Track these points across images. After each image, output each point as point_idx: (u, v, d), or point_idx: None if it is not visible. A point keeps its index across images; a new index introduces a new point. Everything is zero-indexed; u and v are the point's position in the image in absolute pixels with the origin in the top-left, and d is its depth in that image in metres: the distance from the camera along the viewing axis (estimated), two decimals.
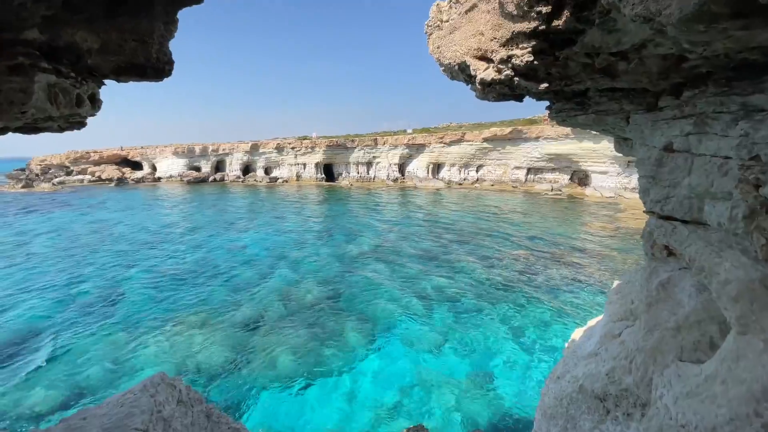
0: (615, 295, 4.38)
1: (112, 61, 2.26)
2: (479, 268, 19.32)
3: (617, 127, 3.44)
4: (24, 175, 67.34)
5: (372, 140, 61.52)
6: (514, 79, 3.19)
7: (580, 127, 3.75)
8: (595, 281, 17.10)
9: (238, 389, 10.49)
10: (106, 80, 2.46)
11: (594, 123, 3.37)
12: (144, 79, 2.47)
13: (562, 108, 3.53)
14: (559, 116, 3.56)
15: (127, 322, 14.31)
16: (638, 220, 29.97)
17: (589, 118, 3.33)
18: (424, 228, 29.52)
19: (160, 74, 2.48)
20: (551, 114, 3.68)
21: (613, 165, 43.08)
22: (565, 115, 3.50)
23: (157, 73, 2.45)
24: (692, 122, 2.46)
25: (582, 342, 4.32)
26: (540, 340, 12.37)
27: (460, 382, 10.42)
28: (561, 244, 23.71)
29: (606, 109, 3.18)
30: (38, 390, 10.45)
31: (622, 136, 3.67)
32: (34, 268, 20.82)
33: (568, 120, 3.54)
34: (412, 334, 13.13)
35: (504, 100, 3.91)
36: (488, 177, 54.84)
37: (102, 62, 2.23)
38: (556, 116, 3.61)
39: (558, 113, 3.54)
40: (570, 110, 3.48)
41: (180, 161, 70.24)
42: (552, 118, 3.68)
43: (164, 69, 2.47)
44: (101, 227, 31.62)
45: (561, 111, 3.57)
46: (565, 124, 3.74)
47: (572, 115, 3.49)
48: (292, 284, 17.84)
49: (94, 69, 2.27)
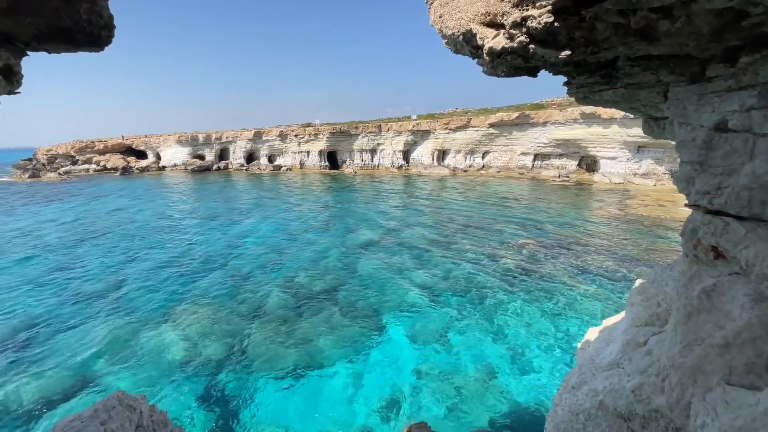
0: (638, 296, 3.91)
1: (29, 24, 1.81)
2: (485, 258, 18.89)
3: (650, 104, 2.93)
4: (31, 165, 67.53)
5: (376, 127, 60.60)
6: (528, 46, 2.68)
7: (603, 105, 3.23)
8: (604, 271, 16.60)
9: (238, 381, 10.28)
10: (32, 51, 2.00)
11: (623, 99, 2.86)
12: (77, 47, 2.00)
13: (585, 82, 3.02)
14: (580, 92, 3.04)
15: (128, 312, 14.15)
16: (648, 207, 29.25)
17: (617, 93, 2.82)
18: (429, 216, 29.04)
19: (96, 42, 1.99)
20: (570, 90, 3.16)
21: (623, 150, 41.98)
22: (588, 91, 2.99)
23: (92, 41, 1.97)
24: (756, 94, 1.96)
25: (600, 347, 3.89)
26: (550, 335, 11.98)
27: (465, 378, 10.10)
28: (569, 231, 23.14)
29: (639, 81, 2.67)
30: (35, 383, 10.31)
31: (655, 115, 3.15)
32: (35, 258, 20.76)
33: (590, 96, 3.02)
34: (416, 326, 12.81)
35: (515, 74, 3.39)
36: (494, 163, 53.90)
37: (15, 26, 1.78)
38: (576, 92, 3.09)
39: (579, 89, 3.03)
40: (594, 85, 2.97)
41: (184, 150, 69.97)
42: (571, 94, 3.16)
43: (100, 35, 1.97)
44: (105, 217, 31.55)
45: (583, 86, 3.05)
46: (586, 102, 3.23)
47: (596, 90, 2.97)
48: (295, 274, 17.57)
49: (9, 35, 1.82)
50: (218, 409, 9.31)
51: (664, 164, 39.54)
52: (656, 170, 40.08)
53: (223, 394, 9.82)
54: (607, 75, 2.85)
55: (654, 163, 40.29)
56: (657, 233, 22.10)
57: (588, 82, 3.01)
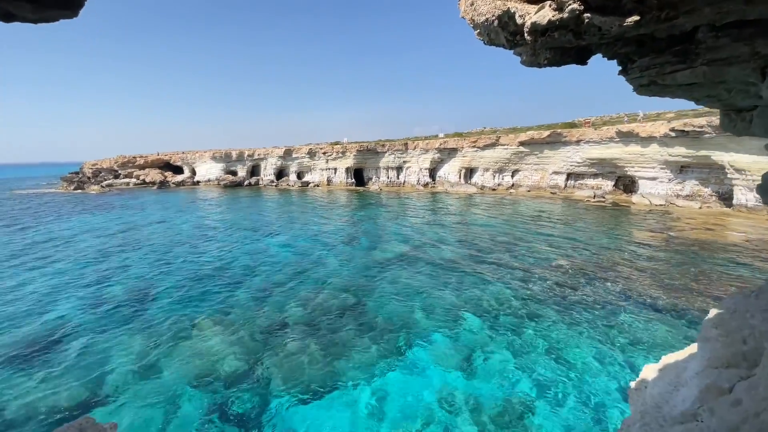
0: (714, 329, 3.20)
1: None
2: (516, 279, 17.86)
3: (738, 89, 2.34)
4: (77, 177, 72.07)
5: (403, 145, 60.74)
6: (582, 15, 2.19)
7: (672, 94, 2.66)
8: (649, 298, 15.22)
9: (253, 398, 9.86)
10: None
11: (704, 81, 2.29)
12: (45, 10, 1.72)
13: (652, 63, 2.48)
14: (644, 77, 2.51)
15: (152, 323, 14.18)
16: (695, 230, 27.15)
17: (696, 73, 2.26)
18: (456, 233, 28.20)
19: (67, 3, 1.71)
20: (631, 75, 2.63)
21: (664, 170, 39.69)
22: (656, 73, 2.44)
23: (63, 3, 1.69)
24: None
25: (666, 391, 3.18)
26: (591, 367, 10.88)
27: (491, 409, 9.22)
28: (608, 254, 21.68)
29: (727, 56, 2.11)
30: (56, 390, 10.31)
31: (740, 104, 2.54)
32: (68, 266, 21.55)
33: (659, 80, 2.48)
34: (439, 349, 12.03)
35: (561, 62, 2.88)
36: (524, 182, 52.41)
37: None
38: (639, 78, 2.56)
39: (644, 72, 2.49)
40: (664, 65, 2.42)
41: (218, 165, 72.70)
42: (633, 81, 2.62)
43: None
44: (139, 227, 32.75)
45: (649, 68, 2.51)
46: (650, 91, 2.67)
47: (667, 71, 2.42)
48: (317, 289, 17.22)
49: None
50: (231, 427, 8.89)
51: (710, 185, 36.96)
52: (701, 192, 37.51)
53: (237, 411, 9.42)
54: (683, 52, 2.30)
55: (699, 185, 37.76)
56: (707, 258, 20.30)
57: (656, 63, 2.47)
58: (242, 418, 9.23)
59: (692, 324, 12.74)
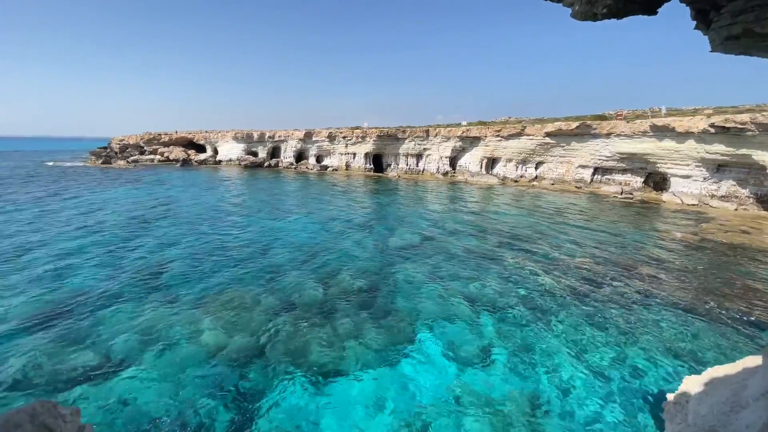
0: None
1: None
2: (536, 274, 17.23)
3: None
4: (104, 152, 74.14)
5: (424, 132, 59.60)
6: None
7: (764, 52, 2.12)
8: (678, 301, 14.39)
9: (259, 378, 9.80)
10: None
11: None
12: None
13: (744, 8, 1.94)
14: (738, 24, 1.98)
15: (165, 296, 14.36)
16: (728, 233, 25.61)
17: None
18: (475, 224, 27.53)
19: None
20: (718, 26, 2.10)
21: (699, 168, 37.56)
22: (753, 19, 1.91)
23: None
24: None
25: (722, 412, 2.71)
26: (612, 369, 10.32)
27: (505, 406, 8.85)
28: (633, 253, 20.69)
29: None
30: (72, 355, 10.52)
31: None
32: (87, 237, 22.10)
33: (755, 28, 1.95)
34: (453, 341, 11.68)
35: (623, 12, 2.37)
36: (548, 175, 50.75)
37: None
38: (729, 26, 2.02)
39: (736, 17, 1.96)
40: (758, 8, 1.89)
41: (239, 146, 73.35)
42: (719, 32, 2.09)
43: None
44: (160, 202, 33.39)
45: (739, 14, 1.97)
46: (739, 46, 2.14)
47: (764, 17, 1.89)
48: (331, 273, 17.07)
49: None
50: (237, 405, 8.84)
51: (749, 186, 34.78)
52: (738, 193, 35.37)
53: (243, 390, 9.37)
54: None
55: (736, 185, 35.59)
56: (741, 263, 19.10)
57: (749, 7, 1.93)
58: (245, 396, 9.16)
59: (725, 334, 11.94)
